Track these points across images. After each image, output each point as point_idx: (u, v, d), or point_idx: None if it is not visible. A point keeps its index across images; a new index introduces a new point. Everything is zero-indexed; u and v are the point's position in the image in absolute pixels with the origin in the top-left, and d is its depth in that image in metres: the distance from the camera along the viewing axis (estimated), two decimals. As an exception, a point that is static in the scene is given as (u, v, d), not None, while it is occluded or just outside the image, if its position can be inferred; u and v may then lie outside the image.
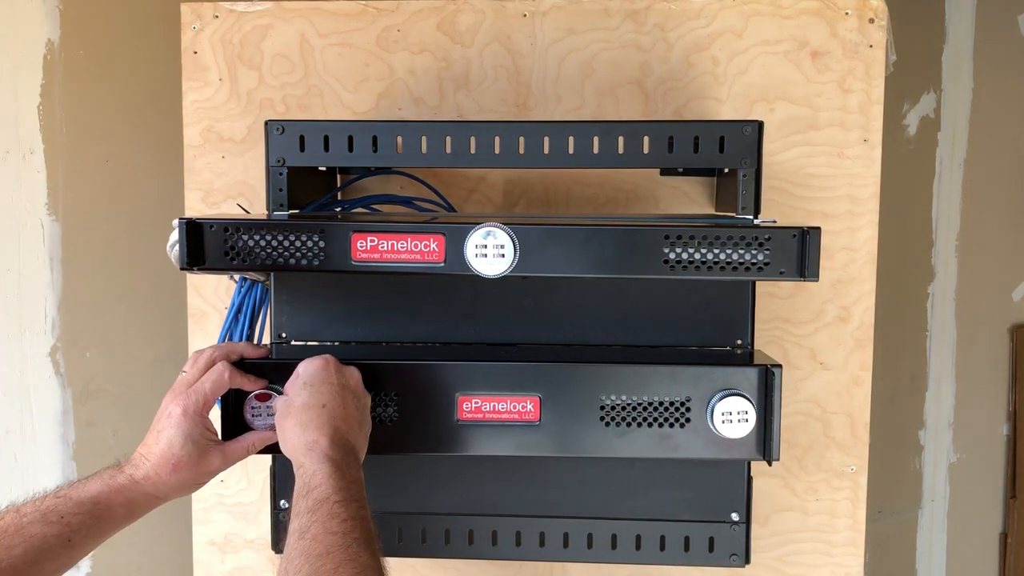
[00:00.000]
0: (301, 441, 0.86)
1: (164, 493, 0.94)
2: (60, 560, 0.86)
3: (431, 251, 0.91)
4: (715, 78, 1.22)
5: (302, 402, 0.89)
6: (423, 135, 1.06)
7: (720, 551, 1.05)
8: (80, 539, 0.88)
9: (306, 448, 0.85)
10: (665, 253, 0.90)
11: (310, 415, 0.87)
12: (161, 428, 0.93)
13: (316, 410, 0.87)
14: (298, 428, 0.87)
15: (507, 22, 1.23)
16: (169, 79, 1.55)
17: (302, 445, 0.85)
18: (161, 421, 0.93)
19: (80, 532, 0.87)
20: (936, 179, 2.02)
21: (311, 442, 0.85)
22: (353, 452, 0.87)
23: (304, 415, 0.87)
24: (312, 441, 0.85)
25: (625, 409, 0.95)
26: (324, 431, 0.86)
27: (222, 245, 0.92)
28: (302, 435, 0.86)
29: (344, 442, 0.86)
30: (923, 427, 2.08)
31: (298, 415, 0.88)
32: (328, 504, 0.79)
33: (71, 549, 0.87)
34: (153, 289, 1.71)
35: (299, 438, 0.86)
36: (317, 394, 0.89)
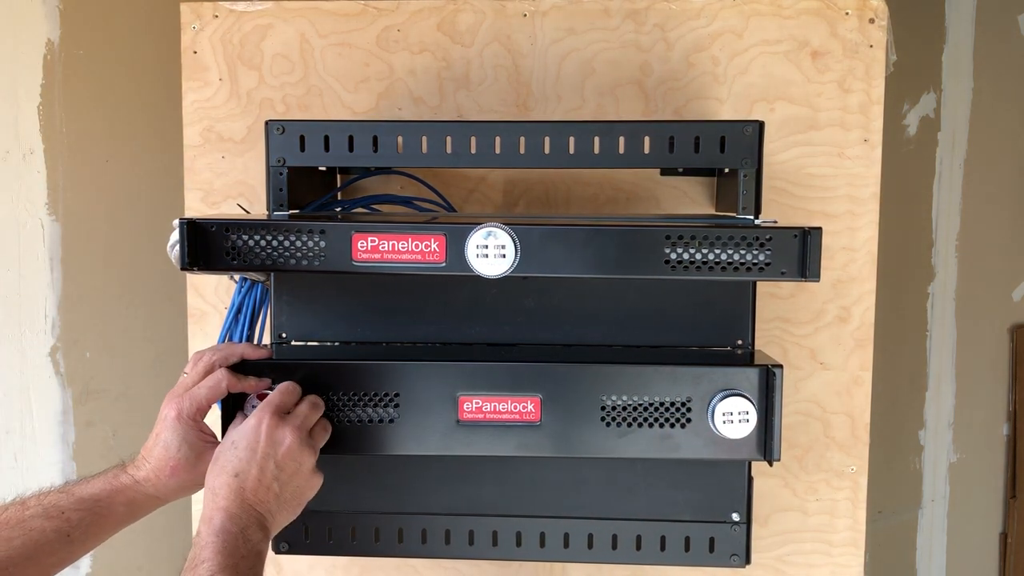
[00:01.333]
0: (206, 508, 0.85)
1: (164, 494, 0.94)
2: (59, 555, 0.86)
3: (432, 251, 0.91)
4: (715, 78, 1.22)
5: (220, 465, 0.87)
6: (423, 135, 1.06)
7: (720, 551, 1.05)
8: (79, 535, 0.88)
9: (207, 517, 0.84)
10: (666, 253, 0.90)
11: (220, 481, 0.86)
12: (159, 431, 0.93)
13: (227, 477, 0.86)
14: (208, 494, 0.86)
15: (507, 22, 1.23)
16: (169, 79, 1.55)
17: (206, 513, 0.85)
18: (159, 424, 0.93)
19: (80, 528, 0.88)
20: (936, 179, 2.02)
21: (212, 512, 0.84)
22: (258, 524, 0.85)
23: (217, 480, 0.86)
24: (214, 510, 0.84)
25: (626, 409, 0.95)
26: (230, 501, 0.84)
27: (222, 245, 0.92)
28: (210, 501, 0.85)
29: (249, 514, 0.85)
30: (923, 427, 2.08)
31: (213, 479, 0.87)
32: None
33: (70, 545, 0.87)
34: (153, 289, 1.71)
35: (206, 505, 0.86)
36: (235, 460, 0.87)
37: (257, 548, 0.83)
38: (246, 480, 0.86)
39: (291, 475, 0.89)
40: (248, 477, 0.86)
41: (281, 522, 0.89)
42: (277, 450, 0.88)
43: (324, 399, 0.96)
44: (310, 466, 0.91)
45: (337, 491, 1.06)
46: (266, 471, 0.87)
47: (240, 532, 0.83)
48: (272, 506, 0.87)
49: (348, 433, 0.96)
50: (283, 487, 0.88)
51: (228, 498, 0.85)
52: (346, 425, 0.96)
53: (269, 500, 0.87)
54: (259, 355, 0.97)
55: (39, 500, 0.88)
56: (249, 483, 0.86)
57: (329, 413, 0.96)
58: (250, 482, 0.86)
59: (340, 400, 0.96)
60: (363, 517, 1.07)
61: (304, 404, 0.93)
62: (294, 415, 0.92)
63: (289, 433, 0.89)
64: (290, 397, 0.93)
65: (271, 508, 0.87)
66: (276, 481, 0.87)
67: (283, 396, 0.92)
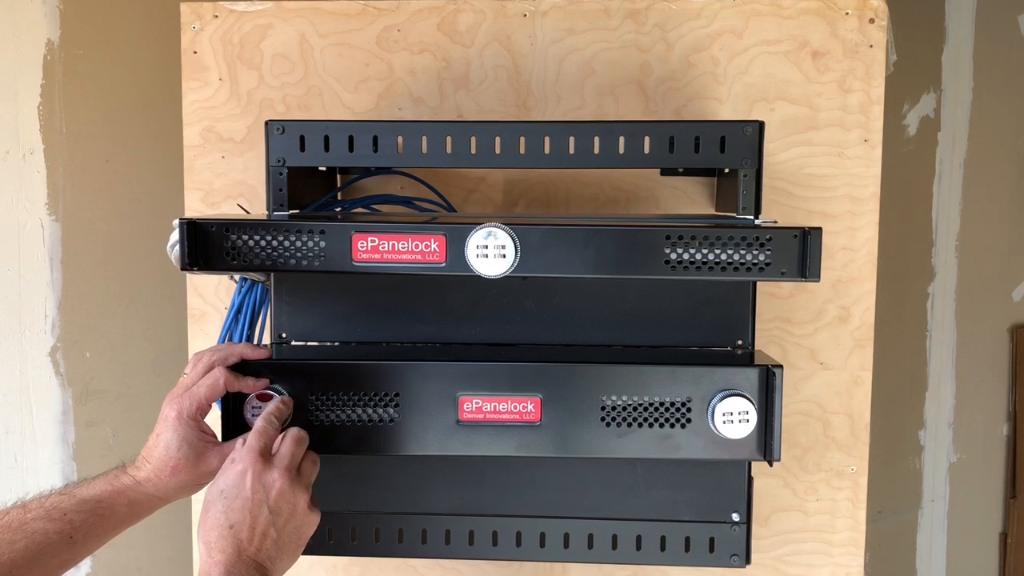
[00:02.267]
0: (203, 564, 0.85)
1: (165, 494, 0.94)
2: (62, 556, 0.87)
3: (432, 251, 0.91)
4: (715, 78, 1.22)
5: (212, 518, 0.86)
6: (423, 135, 1.06)
7: (721, 551, 1.05)
8: (82, 537, 0.88)
9: (204, 573, 0.84)
10: (666, 253, 0.90)
11: (215, 535, 0.85)
12: (159, 431, 0.93)
13: (221, 530, 0.85)
14: (203, 548, 0.86)
15: (507, 22, 1.23)
16: (169, 79, 1.55)
17: (203, 569, 0.84)
18: (159, 424, 0.93)
19: (82, 530, 0.88)
20: (936, 179, 2.02)
21: (209, 568, 0.84)
22: (257, 571, 0.84)
23: (211, 534, 0.86)
24: (211, 566, 0.84)
25: (626, 409, 0.95)
26: (226, 554, 0.84)
27: (222, 245, 0.92)
28: (206, 556, 0.85)
29: (248, 565, 0.84)
30: (923, 427, 2.08)
31: (206, 533, 0.86)
32: None
33: (73, 546, 0.87)
34: (153, 289, 1.71)
35: (203, 558, 0.85)
36: (227, 511, 0.86)
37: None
38: (241, 531, 0.85)
39: (287, 518, 0.88)
40: (243, 527, 0.85)
41: (283, 567, 0.88)
42: (269, 495, 0.87)
43: (324, 399, 0.96)
44: (304, 504, 0.89)
45: (337, 491, 1.06)
46: (260, 518, 0.86)
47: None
48: (272, 552, 0.86)
49: (348, 433, 0.96)
50: (280, 531, 0.87)
51: (224, 551, 0.84)
52: (346, 425, 0.96)
53: (267, 547, 0.86)
54: (258, 355, 0.97)
55: (40, 503, 0.88)
56: (244, 533, 0.85)
57: (329, 413, 0.96)
58: (245, 532, 0.85)
59: (340, 400, 0.96)
60: (363, 517, 1.07)
61: (287, 442, 0.92)
62: (280, 456, 0.90)
63: (278, 476, 0.88)
64: (271, 438, 0.91)
65: (271, 555, 0.86)
66: (272, 527, 0.86)
67: (264, 438, 0.90)
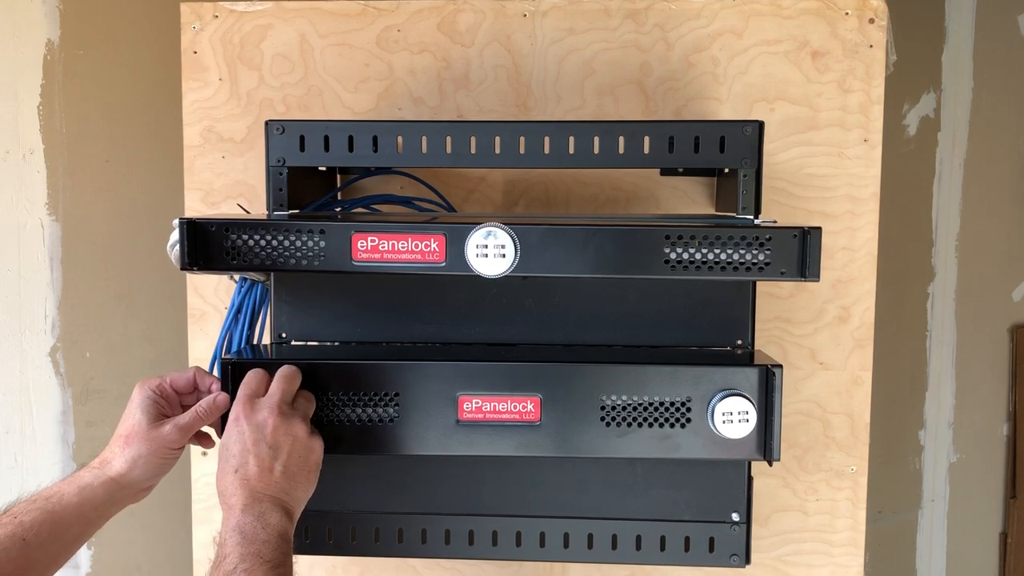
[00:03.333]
0: (223, 513, 0.87)
1: (120, 473, 0.91)
2: (19, 562, 0.84)
3: (432, 251, 0.91)
4: (715, 78, 1.22)
5: (220, 471, 0.89)
6: (423, 135, 1.06)
7: (720, 551, 1.05)
8: (34, 537, 0.85)
9: (224, 519, 0.86)
10: (666, 253, 0.90)
11: (226, 484, 0.88)
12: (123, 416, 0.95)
13: (230, 477, 0.88)
14: (221, 500, 0.88)
15: (507, 22, 1.23)
16: (169, 79, 1.55)
17: (223, 517, 0.86)
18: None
19: (33, 529, 0.85)
20: (936, 179, 2.02)
21: (226, 512, 0.86)
22: (273, 507, 0.86)
23: (222, 485, 0.88)
24: (227, 509, 0.86)
25: (626, 409, 0.95)
26: (237, 497, 0.86)
27: (222, 245, 0.92)
28: (223, 504, 0.87)
29: (259, 501, 0.86)
30: (923, 427, 2.08)
31: (220, 488, 0.89)
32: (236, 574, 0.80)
33: (27, 549, 0.85)
34: (153, 289, 1.71)
35: (223, 509, 0.87)
36: (230, 458, 0.89)
37: (279, 530, 0.85)
38: (247, 471, 0.87)
39: (288, 449, 0.90)
40: (248, 468, 0.88)
41: (300, 496, 0.90)
42: (264, 433, 0.89)
43: (324, 399, 0.96)
44: (303, 434, 0.91)
45: (337, 491, 1.06)
46: (262, 456, 0.88)
47: (256, 520, 0.84)
48: (284, 485, 0.88)
49: (348, 433, 0.96)
50: (286, 464, 0.89)
51: (236, 494, 0.86)
52: (346, 425, 0.96)
53: (277, 481, 0.88)
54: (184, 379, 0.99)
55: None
56: (251, 472, 0.87)
57: (329, 413, 0.96)
58: (251, 471, 0.87)
59: (340, 400, 0.96)
60: (363, 517, 1.07)
61: (276, 381, 0.94)
62: (268, 396, 0.92)
63: (268, 413, 0.90)
64: (258, 383, 0.93)
65: (283, 487, 0.88)
66: (276, 461, 0.88)
67: (251, 385, 0.93)
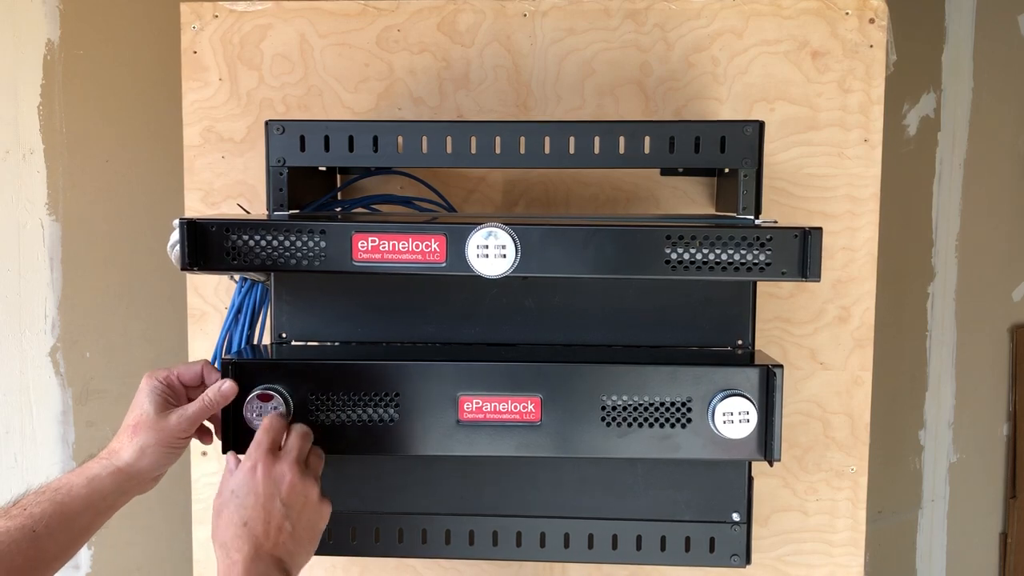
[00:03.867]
0: (221, 565, 0.85)
1: (128, 463, 0.92)
2: (28, 553, 0.84)
3: (432, 251, 0.91)
4: (715, 78, 1.22)
5: (226, 518, 0.87)
6: (423, 135, 1.06)
7: (721, 551, 1.05)
8: (44, 528, 0.85)
9: (219, 569, 0.84)
10: (666, 253, 0.90)
11: (230, 534, 0.86)
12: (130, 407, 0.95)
13: (236, 528, 0.86)
14: (220, 550, 0.86)
15: (507, 22, 1.23)
16: (169, 79, 1.55)
17: (221, 569, 0.85)
18: None
19: (43, 521, 0.85)
20: (936, 179, 2.02)
21: (228, 568, 0.84)
22: (278, 568, 0.85)
23: (226, 534, 0.86)
24: (229, 566, 0.84)
25: (626, 409, 0.95)
26: (242, 552, 0.84)
27: (223, 245, 0.92)
28: (223, 557, 0.85)
29: (267, 561, 0.85)
30: (923, 427, 2.08)
31: (221, 535, 0.87)
32: None
33: (37, 540, 0.84)
34: (153, 289, 1.71)
35: (220, 562, 0.86)
36: (240, 508, 0.87)
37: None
38: (256, 526, 0.85)
39: (300, 510, 0.88)
40: (257, 523, 0.86)
41: (301, 562, 0.88)
42: (280, 488, 0.87)
43: (324, 399, 0.96)
44: (315, 496, 0.90)
45: (337, 491, 1.06)
46: (274, 512, 0.86)
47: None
48: (289, 546, 0.86)
49: (348, 433, 0.96)
50: (295, 524, 0.87)
51: (242, 550, 0.84)
52: (346, 425, 0.96)
53: (284, 541, 0.86)
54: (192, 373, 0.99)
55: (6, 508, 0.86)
56: (259, 528, 0.85)
57: (329, 413, 0.96)
58: (260, 527, 0.85)
59: (340, 400, 0.96)
60: (363, 517, 1.07)
61: (293, 436, 0.92)
62: (287, 450, 0.90)
63: (287, 469, 0.88)
64: (280, 432, 0.92)
65: (289, 549, 0.86)
66: (287, 520, 0.87)
67: (271, 433, 0.91)
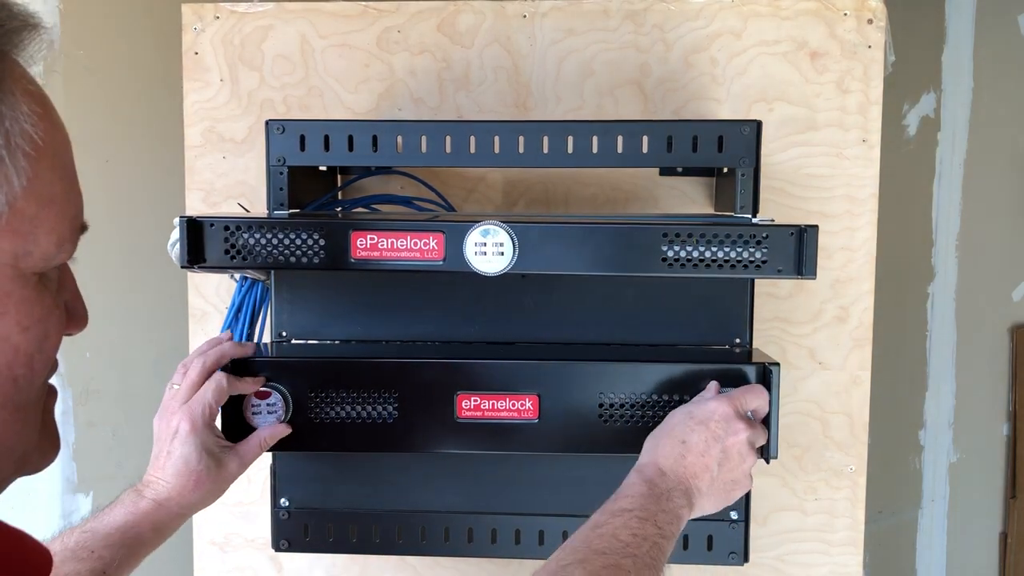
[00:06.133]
0: (644, 457, 0.90)
1: (189, 510, 0.93)
2: None
3: (430, 249, 0.91)
4: (714, 79, 1.22)
5: (670, 428, 0.91)
6: (423, 135, 1.06)
7: (719, 549, 1.05)
8: (114, 571, 0.86)
9: (642, 465, 0.88)
10: (663, 251, 0.90)
11: (667, 442, 0.89)
12: (172, 448, 0.91)
13: (674, 440, 0.89)
14: (652, 449, 0.90)
15: (507, 23, 1.23)
16: (169, 79, 1.56)
17: (642, 460, 0.89)
18: (171, 442, 0.92)
19: (113, 564, 0.86)
20: (936, 179, 2.02)
21: (648, 461, 0.88)
22: (684, 491, 0.87)
23: (663, 439, 0.90)
24: (650, 462, 0.88)
25: (624, 407, 0.96)
26: (667, 461, 0.88)
27: (223, 243, 0.92)
28: (651, 455, 0.89)
29: (679, 479, 0.87)
30: (923, 427, 2.08)
31: (658, 437, 0.90)
32: (627, 515, 0.82)
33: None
34: (153, 289, 1.71)
35: (647, 455, 0.90)
36: (686, 430, 0.89)
37: (677, 512, 0.85)
38: (689, 449, 0.88)
39: (731, 467, 0.90)
40: (691, 449, 0.88)
41: (705, 505, 0.90)
42: (728, 437, 0.89)
43: (323, 397, 0.96)
44: (749, 466, 0.91)
45: (336, 489, 1.06)
46: (711, 448, 0.88)
47: (667, 491, 0.85)
48: (703, 483, 0.88)
49: (347, 431, 0.97)
50: (719, 473, 0.89)
51: (668, 458, 0.88)
52: (345, 423, 0.97)
53: (703, 476, 0.88)
54: (245, 352, 0.98)
55: (63, 543, 0.86)
56: (691, 452, 0.88)
57: (328, 411, 0.97)
58: (692, 452, 0.88)
59: (339, 398, 0.97)
60: (362, 515, 1.07)
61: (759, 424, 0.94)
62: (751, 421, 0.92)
63: (744, 428, 0.90)
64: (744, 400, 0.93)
65: (701, 485, 0.88)
66: (716, 462, 0.89)
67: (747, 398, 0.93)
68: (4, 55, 0.52)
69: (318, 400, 0.96)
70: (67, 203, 0.56)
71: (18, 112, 0.51)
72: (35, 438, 0.58)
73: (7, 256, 0.52)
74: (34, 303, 0.55)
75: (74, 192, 0.58)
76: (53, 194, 0.54)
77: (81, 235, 0.58)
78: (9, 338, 0.53)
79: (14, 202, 0.51)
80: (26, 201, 0.52)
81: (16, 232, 0.52)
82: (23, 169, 0.52)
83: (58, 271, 0.58)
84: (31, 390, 0.56)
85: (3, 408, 0.54)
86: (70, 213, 0.56)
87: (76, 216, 0.58)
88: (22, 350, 0.54)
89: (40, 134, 0.53)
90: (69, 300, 0.61)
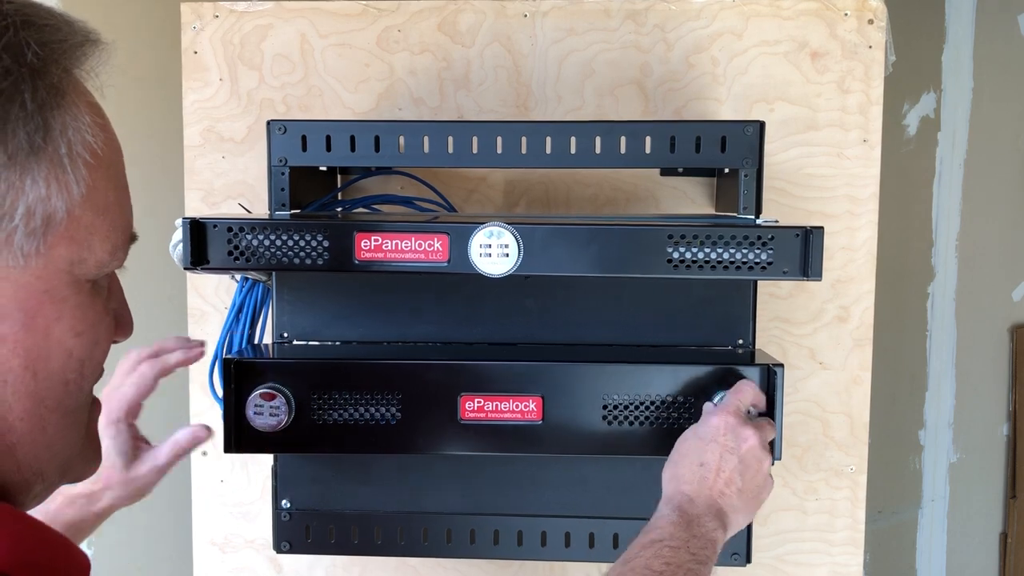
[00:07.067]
0: (669, 489, 0.90)
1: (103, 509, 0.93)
2: None
3: (435, 251, 0.91)
4: (715, 79, 1.22)
5: (683, 454, 0.91)
6: (425, 135, 1.06)
7: (721, 550, 1.05)
8: None
9: (670, 495, 0.89)
10: (668, 252, 0.90)
11: (684, 469, 0.90)
12: None
13: (692, 466, 0.90)
14: (673, 479, 0.90)
15: (507, 22, 1.23)
16: (169, 79, 1.55)
17: (668, 492, 0.90)
18: None
19: None
20: (936, 179, 2.02)
21: (674, 492, 0.89)
22: (715, 513, 0.87)
23: (680, 468, 0.90)
24: (676, 491, 0.89)
25: (627, 408, 0.96)
26: (692, 487, 0.88)
27: (226, 245, 0.92)
28: (673, 484, 0.90)
29: (708, 502, 0.88)
30: (923, 427, 2.08)
31: (674, 468, 0.91)
32: (659, 546, 0.82)
33: None
34: (153, 289, 1.70)
35: (669, 486, 0.90)
36: (701, 452, 0.90)
37: (711, 536, 0.86)
38: (708, 471, 0.89)
39: (752, 474, 0.90)
40: (711, 468, 0.89)
41: (738, 520, 0.90)
42: (740, 446, 0.90)
43: (325, 399, 0.96)
44: (768, 467, 0.92)
45: (338, 491, 1.06)
46: (728, 464, 0.89)
47: (697, 516, 0.86)
48: (732, 499, 0.89)
49: (349, 432, 0.96)
50: (743, 480, 0.90)
51: (691, 483, 0.88)
52: (348, 424, 0.96)
53: (730, 493, 0.89)
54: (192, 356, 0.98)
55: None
56: (711, 474, 0.89)
57: (330, 413, 0.96)
58: (712, 473, 0.89)
59: (341, 399, 0.96)
60: (364, 517, 1.07)
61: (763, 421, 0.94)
62: (757, 422, 0.93)
63: (752, 433, 0.90)
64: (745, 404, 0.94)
65: (731, 501, 0.89)
66: (737, 474, 0.89)
67: (742, 399, 0.93)
68: (68, 71, 0.54)
69: (320, 402, 0.96)
70: (120, 213, 0.58)
71: (80, 123, 0.53)
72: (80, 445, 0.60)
73: (63, 263, 0.54)
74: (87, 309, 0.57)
75: (126, 202, 0.60)
76: (108, 203, 0.57)
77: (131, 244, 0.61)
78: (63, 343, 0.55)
79: (72, 210, 0.54)
80: (83, 209, 0.54)
81: (73, 239, 0.54)
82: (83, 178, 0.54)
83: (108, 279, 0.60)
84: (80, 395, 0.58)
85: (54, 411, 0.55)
86: (122, 222, 0.59)
87: (127, 226, 0.60)
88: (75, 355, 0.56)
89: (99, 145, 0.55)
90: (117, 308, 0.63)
